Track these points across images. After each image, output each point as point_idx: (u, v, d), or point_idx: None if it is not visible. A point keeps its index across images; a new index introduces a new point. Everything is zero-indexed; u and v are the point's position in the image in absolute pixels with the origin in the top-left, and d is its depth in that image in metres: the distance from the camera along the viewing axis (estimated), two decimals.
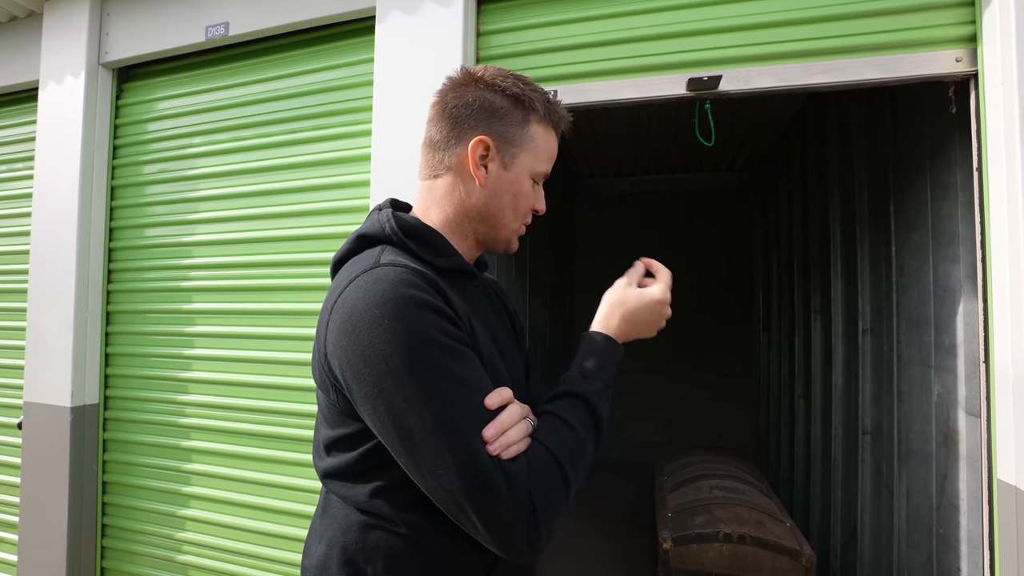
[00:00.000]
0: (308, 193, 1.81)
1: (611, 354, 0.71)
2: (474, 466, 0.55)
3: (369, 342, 0.56)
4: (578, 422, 0.64)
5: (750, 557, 1.97)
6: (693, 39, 1.49)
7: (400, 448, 0.58)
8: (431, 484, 0.57)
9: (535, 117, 0.71)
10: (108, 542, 2.08)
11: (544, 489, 0.58)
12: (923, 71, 1.33)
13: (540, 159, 0.73)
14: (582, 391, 0.66)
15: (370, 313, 0.57)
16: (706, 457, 3.07)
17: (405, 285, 0.59)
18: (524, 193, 0.72)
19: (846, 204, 2.52)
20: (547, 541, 0.57)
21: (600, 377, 0.68)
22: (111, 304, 2.12)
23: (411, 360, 0.56)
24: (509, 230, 0.74)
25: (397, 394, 0.56)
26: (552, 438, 0.62)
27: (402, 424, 0.56)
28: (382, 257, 0.64)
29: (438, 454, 0.55)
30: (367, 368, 0.57)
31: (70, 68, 2.08)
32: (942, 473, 1.63)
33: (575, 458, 0.61)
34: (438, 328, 0.58)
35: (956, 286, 1.58)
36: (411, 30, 1.64)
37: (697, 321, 4.77)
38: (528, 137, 0.71)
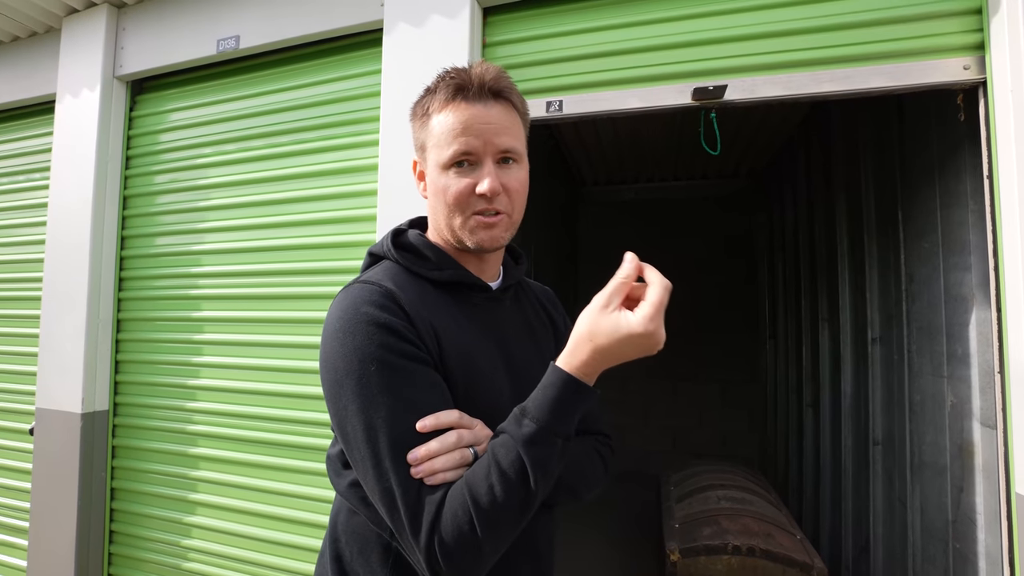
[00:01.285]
0: (316, 203, 1.83)
1: (568, 396, 0.58)
2: (382, 483, 0.58)
3: (328, 351, 0.63)
4: (508, 465, 0.56)
5: (759, 570, 1.94)
6: (698, 49, 1.49)
7: (344, 448, 0.63)
8: (363, 485, 0.62)
9: (432, 108, 0.68)
10: (116, 548, 2.09)
11: (451, 526, 0.55)
12: (931, 79, 1.32)
13: (442, 145, 0.67)
14: (511, 431, 0.59)
15: (332, 326, 0.63)
16: (713, 467, 3.03)
17: (364, 303, 0.63)
18: (442, 188, 0.68)
19: (853, 211, 2.50)
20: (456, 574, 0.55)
21: (542, 420, 0.57)
22: (122, 312, 2.14)
23: (352, 373, 0.60)
24: (456, 225, 0.69)
25: (340, 401, 0.61)
26: (474, 475, 0.57)
27: (343, 428, 0.61)
28: (366, 274, 0.70)
29: (363, 462, 0.60)
30: (324, 374, 0.63)
31: (86, 81, 2.12)
32: (957, 486, 1.60)
33: (491, 502, 0.55)
34: (384, 347, 0.60)
35: (968, 294, 1.56)
36: (418, 42, 1.66)
37: (702, 328, 4.74)
38: (429, 133, 0.69)
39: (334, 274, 1.78)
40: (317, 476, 1.76)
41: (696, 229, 4.86)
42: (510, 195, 0.68)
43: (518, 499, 0.56)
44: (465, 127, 0.65)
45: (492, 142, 0.66)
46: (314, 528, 1.75)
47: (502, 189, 0.67)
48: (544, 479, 0.57)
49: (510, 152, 0.68)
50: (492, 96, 0.67)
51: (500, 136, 0.67)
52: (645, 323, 0.56)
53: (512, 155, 0.68)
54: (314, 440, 1.77)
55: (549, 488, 0.59)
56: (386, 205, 1.65)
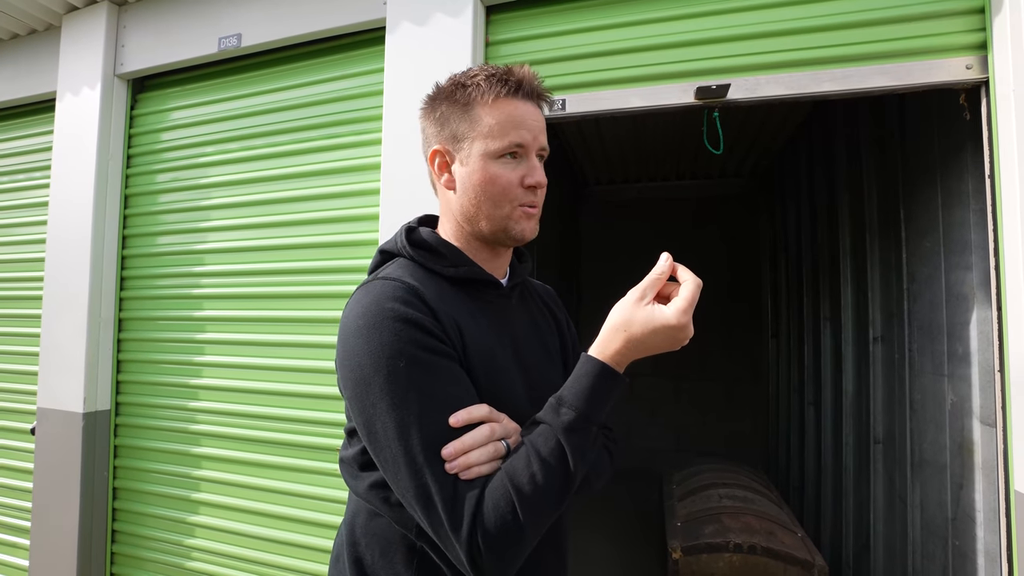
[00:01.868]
0: (319, 201, 1.83)
1: (601, 384, 0.61)
2: (417, 480, 0.57)
3: (352, 349, 0.61)
4: (549, 453, 0.59)
5: (761, 568, 1.95)
6: (701, 48, 1.49)
7: (369, 448, 0.62)
8: (391, 480, 0.61)
9: (478, 99, 0.69)
10: (118, 548, 2.09)
11: (494, 517, 0.56)
12: (933, 79, 1.33)
13: (496, 136, 0.68)
14: (550, 421, 0.61)
15: (356, 323, 0.62)
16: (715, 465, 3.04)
17: (388, 299, 0.62)
18: (491, 178, 0.69)
19: (855, 211, 2.51)
20: (499, 569, 0.56)
21: (579, 408, 0.60)
22: (123, 311, 2.14)
23: (380, 370, 0.59)
24: (499, 217, 0.70)
25: (367, 399, 0.60)
26: (515, 467, 0.59)
27: (370, 427, 0.60)
28: (383, 271, 0.69)
29: (394, 461, 0.59)
30: (348, 372, 0.62)
31: (86, 79, 2.12)
32: (957, 484, 1.61)
33: (536, 491, 0.57)
34: (412, 342, 0.60)
35: (969, 294, 1.57)
36: (421, 40, 1.66)
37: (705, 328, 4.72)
38: (474, 123, 0.69)
39: (336, 273, 1.78)
40: (319, 475, 1.76)
41: (699, 228, 4.87)
42: (543, 191, 0.73)
43: (559, 485, 0.58)
44: (520, 121, 0.69)
45: (538, 139, 0.71)
46: (316, 527, 1.75)
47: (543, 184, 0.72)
48: (582, 465, 0.60)
49: (545, 151, 0.73)
50: (537, 98, 0.72)
51: (542, 135, 0.72)
52: (679, 315, 0.60)
53: (545, 152, 0.73)
54: (317, 439, 1.77)
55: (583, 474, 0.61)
56: (388, 204, 1.65)
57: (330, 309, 1.78)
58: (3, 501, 2.27)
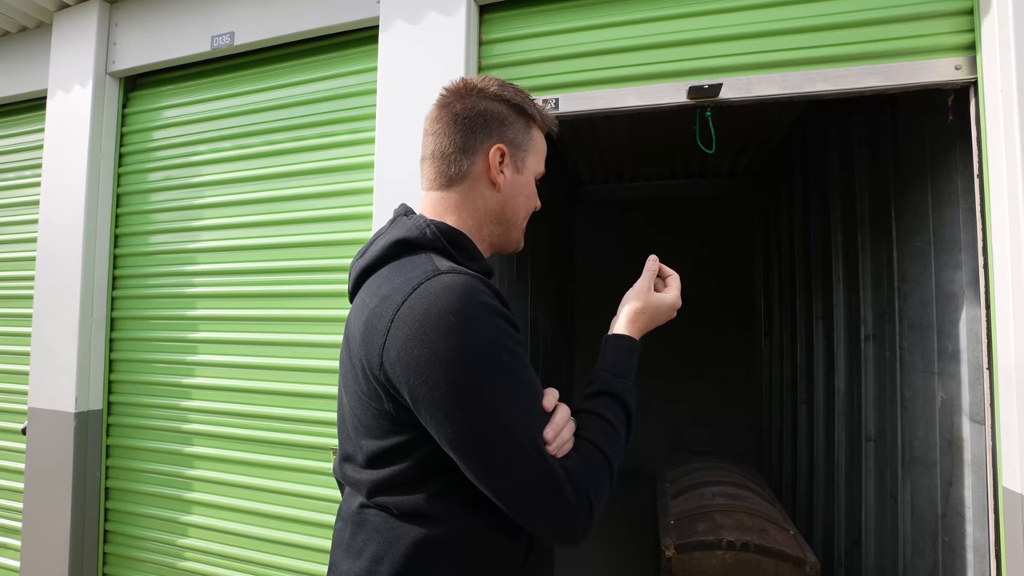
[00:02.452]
0: (311, 200, 1.83)
1: (636, 355, 0.77)
2: (545, 467, 0.60)
3: (445, 349, 0.57)
4: (615, 419, 0.69)
5: (753, 564, 1.96)
6: (694, 47, 1.50)
7: (475, 452, 0.59)
8: (503, 486, 0.60)
9: (534, 123, 0.78)
10: (110, 548, 2.08)
11: (597, 482, 0.63)
12: (923, 79, 1.34)
13: (540, 160, 0.80)
14: (617, 390, 0.71)
15: (445, 320, 0.58)
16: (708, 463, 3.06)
17: (477, 292, 0.61)
18: (533, 192, 0.80)
19: (847, 210, 2.52)
20: (593, 528, 0.63)
21: (630, 376, 0.74)
22: (115, 310, 2.13)
23: (488, 367, 0.59)
24: (520, 229, 0.80)
25: (474, 399, 0.58)
26: (598, 435, 0.67)
27: (476, 431, 0.58)
28: (439, 264, 0.64)
29: (512, 457, 0.59)
30: (442, 376, 0.57)
31: (78, 77, 2.10)
32: (947, 480, 1.63)
33: (617, 452, 0.67)
34: (508, 335, 0.61)
35: (958, 292, 1.58)
36: (414, 39, 1.66)
37: (698, 327, 4.76)
38: (532, 141, 0.78)
39: (328, 272, 1.78)
40: (313, 474, 1.76)
41: (692, 227, 4.88)
42: None
43: (627, 442, 0.71)
44: (545, 156, 0.81)
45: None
46: (307, 525, 1.75)
47: None
48: (635, 419, 0.73)
49: None
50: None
51: None
52: (677, 296, 0.82)
53: None
54: (310, 438, 1.76)
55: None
56: (381, 203, 1.65)
57: (323, 308, 1.78)
58: None
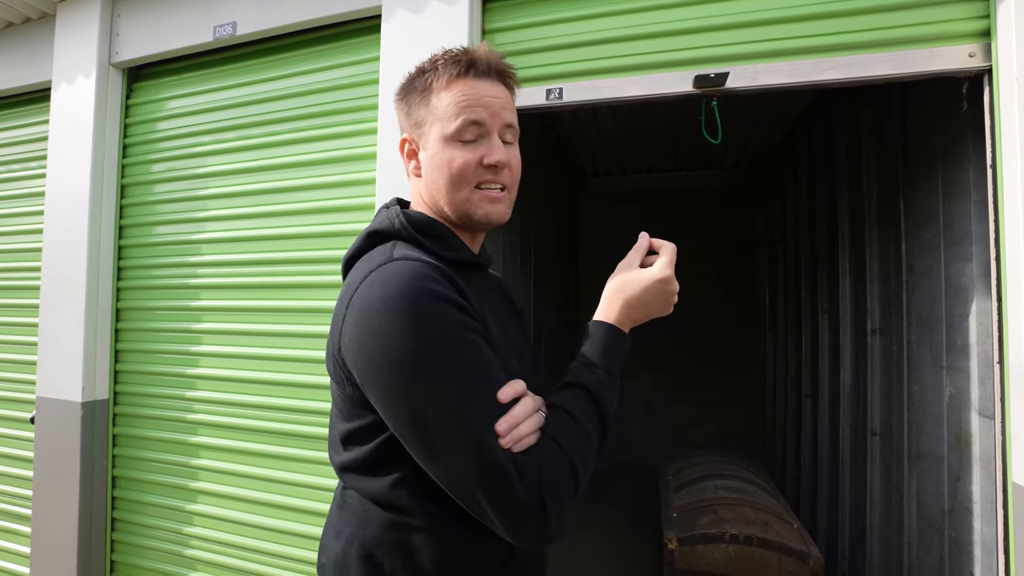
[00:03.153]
0: (314, 191, 1.82)
1: (614, 343, 0.68)
2: (487, 458, 0.56)
3: (387, 334, 0.57)
4: (582, 413, 0.63)
5: (756, 558, 1.96)
6: (700, 36, 1.47)
7: (414, 439, 0.58)
8: (444, 474, 0.58)
9: (436, 85, 0.69)
10: (117, 535, 2.11)
11: (554, 480, 0.58)
12: (935, 67, 1.31)
13: (449, 118, 0.68)
14: (584, 381, 0.65)
15: (387, 306, 0.58)
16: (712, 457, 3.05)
17: (421, 278, 0.60)
18: (448, 160, 0.68)
19: (854, 201, 2.49)
20: (559, 530, 0.58)
21: (603, 366, 0.66)
22: (121, 301, 2.14)
23: (427, 352, 0.56)
24: (460, 201, 0.69)
25: (413, 385, 0.57)
26: (559, 430, 0.61)
27: (418, 415, 0.57)
28: (395, 252, 0.65)
29: (452, 445, 0.56)
30: (384, 360, 0.57)
31: (81, 68, 2.10)
32: (954, 476, 1.61)
33: (582, 449, 0.61)
34: (454, 320, 0.59)
35: (968, 285, 1.56)
36: (417, 28, 1.64)
37: (701, 320, 4.74)
38: (431, 109, 0.69)
39: (332, 263, 1.77)
40: (316, 464, 1.77)
41: (696, 220, 4.84)
42: (512, 172, 0.72)
43: (599, 438, 0.64)
44: (475, 99, 0.68)
45: (499, 115, 0.69)
46: (311, 515, 1.76)
47: (507, 164, 0.70)
48: (613, 415, 0.66)
49: (512, 128, 0.71)
50: (498, 75, 0.71)
51: (505, 111, 0.70)
52: (663, 268, 0.69)
53: (513, 132, 0.72)
54: (313, 428, 1.77)
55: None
56: (384, 193, 1.64)
57: (326, 299, 1.78)
58: (4, 489, 2.29)
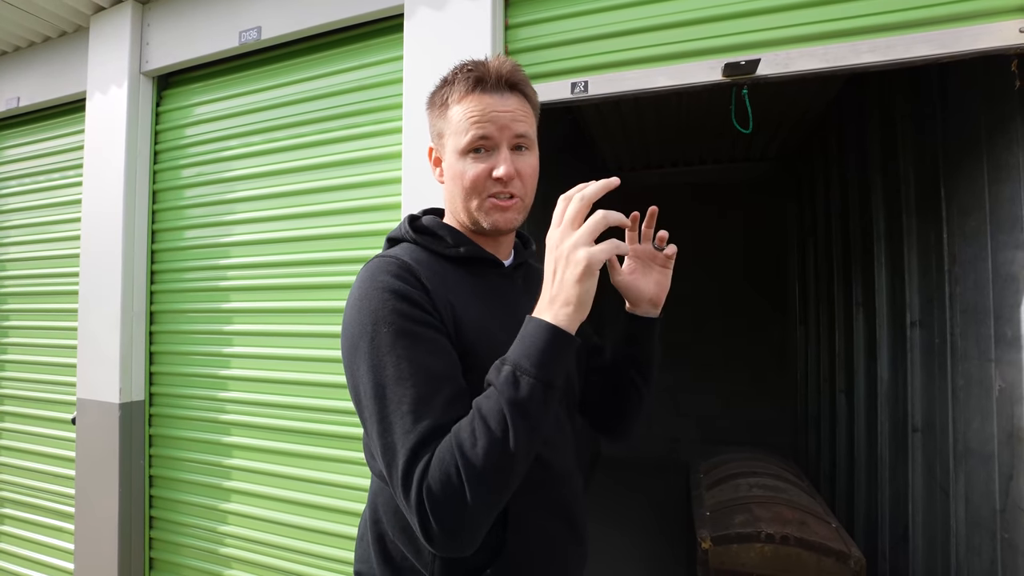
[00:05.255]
0: (342, 192, 1.83)
1: (527, 337, 0.59)
2: (386, 439, 0.60)
3: (347, 320, 0.67)
4: (484, 410, 0.57)
5: (793, 558, 1.90)
6: (729, 23, 1.43)
7: (357, 408, 0.66)
8: (372, 446, 0.64)
9: (452, 99, 0.73)
10: (155, 533, 2.16)
11: (437, 488, 0.55)
12: (983, 44, 1.24)
13: (460, 131, 0.71)
14: (491, 379, 0.60)
15: (352, 296, 0.68)
16: (744, 454, 2.99)
17: (381, 272, 0.67)
18: (459, 173, 0.73)
19: (890, 190, 2.40)
20: (447, 540, 0.56)
21: (513, 362, 0.58)
22: (154, 304, 2.20)
23: (365, 335, 0.63)
24: (471, 210, 0.74)
25: (353, 363, 0.65)
26: (462, 433, 0.57)
27: (355, 389, 0.65)
28: (386, 251, 0.75)
29: (370, 419, 0.63)
30: (343, 339, 0.68)
31: (114, 78, 2.16)
32: (1006, 474, 1.54)
33: (472, 447, 0.55)
34: (396, 311, 0.64)
35: (1019, 274, 1.48)
36: (439, 26, 1.64)
37: (730, 314, 4.66)
38: (448, 122, 0.74)
39: (360, 263, 1.78)
40: (346, 464, 1.78)
41: (724, 214, 4.75)
42: (523, 180, 0.74)
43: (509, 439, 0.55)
44: (483, 115, 0.70)
45: (508, 127, 0.71)
46: (342, 514, 1.77)
47: (516, 174, 0.72)
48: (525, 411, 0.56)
49: (524, 137, 0.73)
50: (508, 88, 0.73)
51: (515, 123, 0.72)
52: (565, 228, 0.60)
53: (525, 141, 0.73)
54: (344, 428, 1.78)
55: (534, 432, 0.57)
56: (410, 193, 1.64)
57: None
58: (48, 488, 2.37)
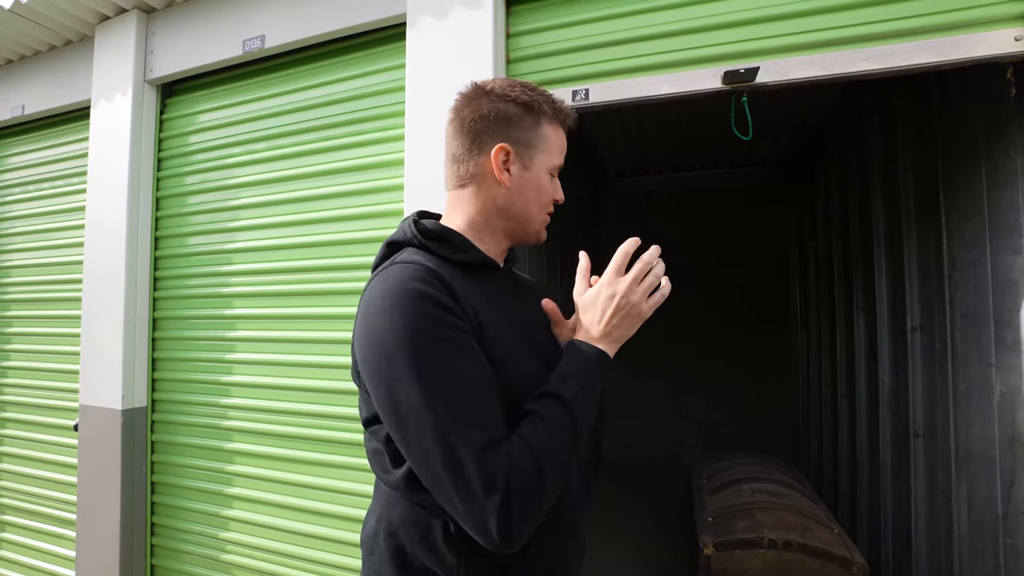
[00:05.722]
0: (344, 199, 1.85)
1: (587, 360, 0.72)
2: (446, 447, 0.60)
3: (376, 328, 0.65)
4: (551, 418, 0.65)
5: (796, 564, 1.90)
6: (729, 31, 1.45)
7: (391, 423, 0.64)
8: (415, 462, 0.63)
9: (544, 119, 0.78)
10: (157, 540, 2.16)
11: (520, 480, 0.60)
12: (979, 52, 1.26)
13: (553, 155, 0.80)
14: (557, 391, 0.68)
15: (376, 305, 0.66)
16: (746, 459, 2.98)
17: (409, 279, 0.66)
18: (544, 187, 0.80)
19: (889, 196, 2.41)
20: (520, 533, 0.60)
21: (578, 379, 0.70)
22: (157, 311, 2.20)
23: (404, 345, 0.62)
24: (537, 222, 0.81)
25: (390, 374, 0.62)
26: (532, 434, 0.63)
27: (393, 401, 0.62)
28: (399, 257, 0.73)
29: (419, 432, 0.61)
30: (371, 351, 0.65)
31: (119, 86, 2.18)
32: (1008, 479, 1.54)
33: (552, 457, 0.63)
34: (432, 318, 0.63)
35: (1019, 279, 1.49)
36: (441, 34, 1.66)
37: (730, 319, 4.66)
38: (541, 138, 0.78)
39: (363, 269, 1.79)
40: (347, 470, 1.78)
41: (724, 219, 4.77)
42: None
43: (570, 449, 0.66)
44: (563, 150, 0.82)
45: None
46: (344, 520, 1.77)
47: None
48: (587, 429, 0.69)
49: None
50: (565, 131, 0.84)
51: None
52: (607, 277, 0.78)
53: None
54: (347, 435, 1.79)
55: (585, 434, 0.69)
56: (413, 200, 1.65)
57: (357, 305, 1.79)
58: (50, 495, 2.37)
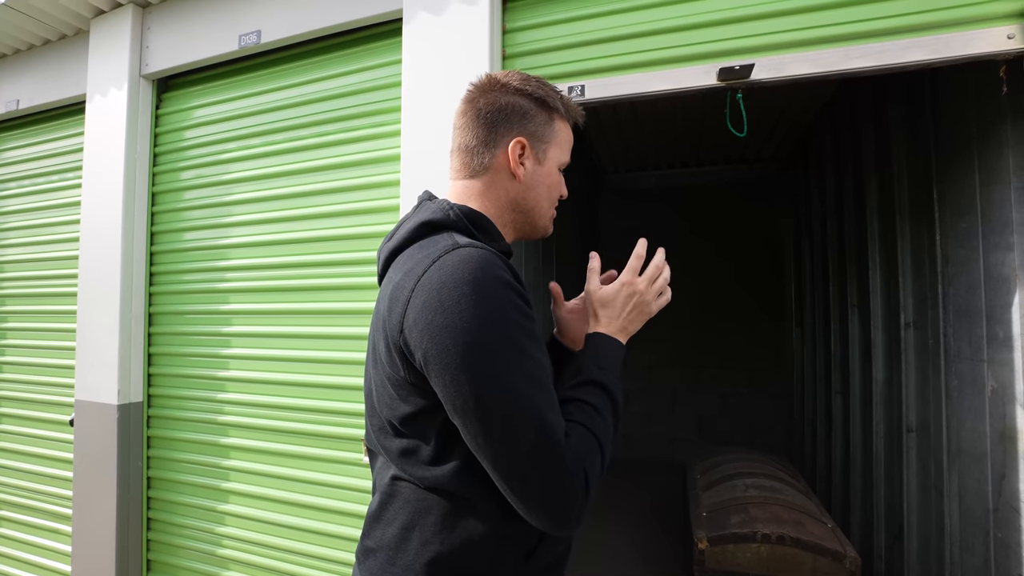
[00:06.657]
0: (340, 194, 1.85)
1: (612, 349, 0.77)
2: (544, 435, 0.60)
3: (458, 316, 0.60)
4: (601, 405, 0.69)
5: (789, 558, 1.92)
6: (724, 28, 1.45)
7: (472, 414, 0.60)
8: (498, 450, 0.60)
9: (557, 115, 0.80)
10: (153, 535, 2.16)
11: (591, 462, 0.64)
12: (972, 50, 1.26)
13: (564, 150, 0.82)
14: (600, 379, 0.72)
15: (459, 290, 0.61)
16: (740, 455, 3.00)
17: (491, 265, 0.63)
18: (556, 182, 0.82)
19: (883, 193, 2.43)
20: (585, 512, 0.64)
21: (610, 367, 0.74)
22: (153, 306, 2.20)
23: (496, 334, 0.60)
24: (546, 217, 0.82)
25: (479, 365, 0.60)
26: (586, 419, 0.67)
27: (480, 394, 0.59)
28: (459, 240, 0.68)
29: (509, 421, 0.59)
30: (451, 340, 0.60)
31: (114, 81, 2.17)
32: (999, 473, 1.55)
33: (606, 436, 0.67)
34: (518, 308, 0.63)
35: (1011, 275, 1.50)
36: (438, 30, 1.66)
37: (726, 316, 4.68)
38: (554, 133, 0.79)
39: (358, 265, 1.80)
40: (344, 464, 1.79)
41: (719, 215, 4.78)
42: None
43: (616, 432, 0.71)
44: (571, 146, 0.84)
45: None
46: (341, 515, 1.78)
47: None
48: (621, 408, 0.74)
49: None
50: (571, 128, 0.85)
51: None
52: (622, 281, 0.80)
53: None
54: (342, 429, 1.79)
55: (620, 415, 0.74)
56: (408, 195, 1.65)
57: (353, 301, 1.80)
58: (46, 490, 2.37)
